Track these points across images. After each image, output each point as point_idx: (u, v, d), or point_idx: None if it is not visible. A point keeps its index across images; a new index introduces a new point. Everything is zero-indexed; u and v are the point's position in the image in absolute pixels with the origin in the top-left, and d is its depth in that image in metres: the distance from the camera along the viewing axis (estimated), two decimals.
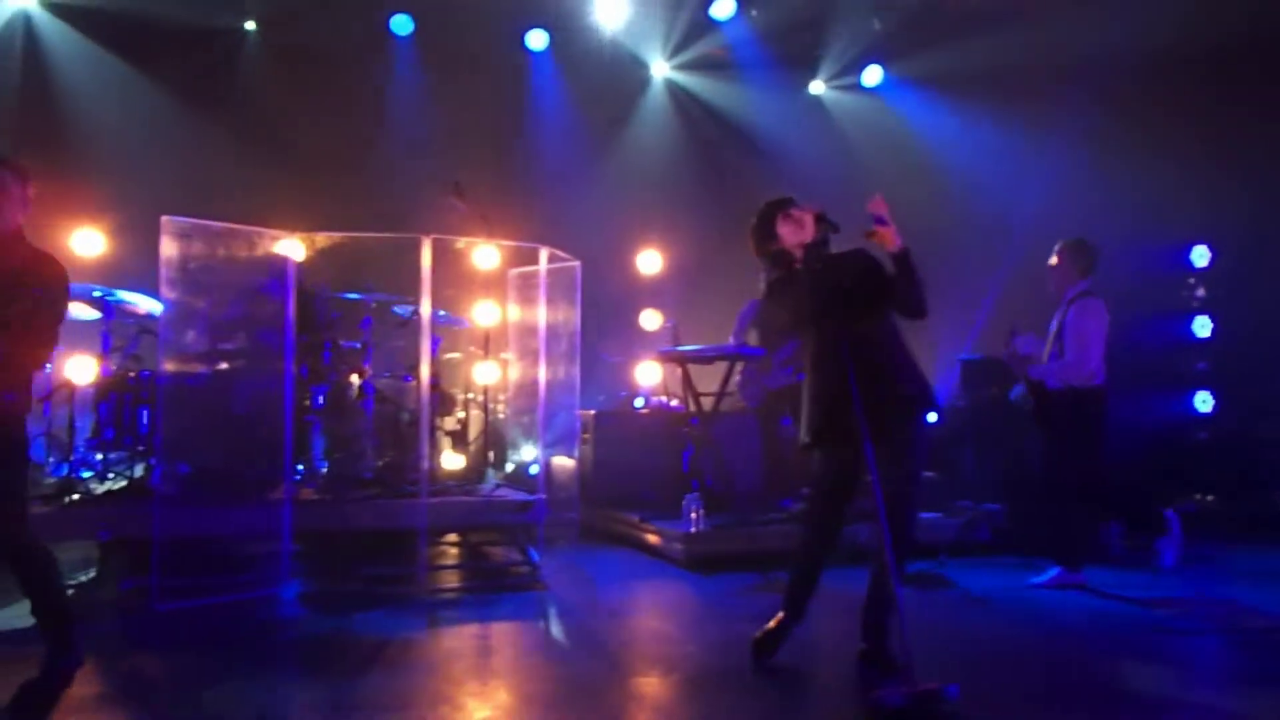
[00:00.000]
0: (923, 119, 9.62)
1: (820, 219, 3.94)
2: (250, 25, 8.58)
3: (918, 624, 3.64)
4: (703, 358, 7.21)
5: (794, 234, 3.99)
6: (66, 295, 3.94)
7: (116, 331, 6.15)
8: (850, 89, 10.27)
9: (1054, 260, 5.78)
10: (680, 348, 7.33)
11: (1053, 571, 5.63)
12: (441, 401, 6.91)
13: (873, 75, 10.06)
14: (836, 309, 3.86)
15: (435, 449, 6.59)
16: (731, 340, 7.42)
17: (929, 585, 5.78)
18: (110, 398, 5.92)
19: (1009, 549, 6.57)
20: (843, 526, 4.15)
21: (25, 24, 7.93)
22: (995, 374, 7.41)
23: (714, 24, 9.51)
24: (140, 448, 5.90)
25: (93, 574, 5.15)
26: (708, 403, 7.12)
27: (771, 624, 4.09)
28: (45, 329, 3.85)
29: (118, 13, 7.92)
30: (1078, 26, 8.50)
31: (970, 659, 4.27)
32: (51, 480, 5.84)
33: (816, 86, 10.41)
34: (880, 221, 3.84)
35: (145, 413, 5.90)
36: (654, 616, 5.11)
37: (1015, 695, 3.80)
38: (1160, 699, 3.80)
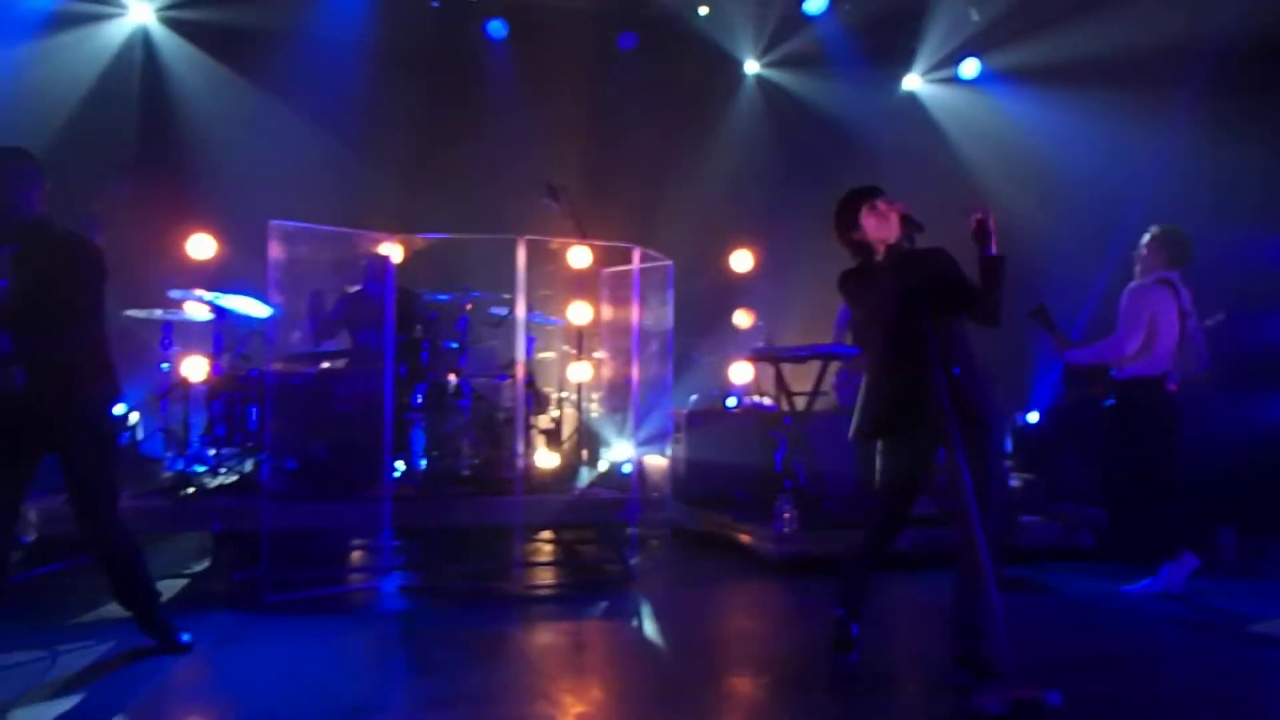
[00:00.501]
0: (1023, 112, 9.33)
1: (906, 219, 3.88)
2: (350, 33, 8.82)
3: (1016, 630, 3.55)
4: (795, 357, 7.15)
5: (878, 228, 3.93)
6: (103, 274, 3.95)
7: (227, 332, 6.41)
8: (947, 83, 10.04)
9: (1142, 248, 5.59)
10: (773, 347, 7.28)
11: (1158, 576, 5.40)
12: (535, 400, 7.01)
13: (970, 68, 9.81)
14: (917, 305, 3.80)
15: (529, 447, 6.69)
16: (832, 339, 7.35)
17: (1029, 590, 5.63)
18: (222, 396, 6.17)
19: (1114, 555, 6.34)
20: (905, 526, 4.11)
21: (144, 38, 8.31)
22: (1099, 374, 7.16)
23: (806, 19, 9.42)
24: (250, 444, 6.13)
25: (206, 565, 5.36)
26: (800, 403, 7.05)
27: (838, 624, 4.07)
28: (95, 310, 3.92)
29: (227, 24, 8.24)
30: (1189, 8, 8.14)
31: (1071, 666, 4.16)
32: (168, 474, 6.11)
33: (911, 81, 10.21)
34: (985, 231, 3.81)
35: (254, 410, 6.13)
36: (745, 617, 5.09)
37: (1116, 705, 3.68)
38: (1265, 714, 3.63)
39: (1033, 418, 8.25)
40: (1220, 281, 5.68)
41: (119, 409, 6.18)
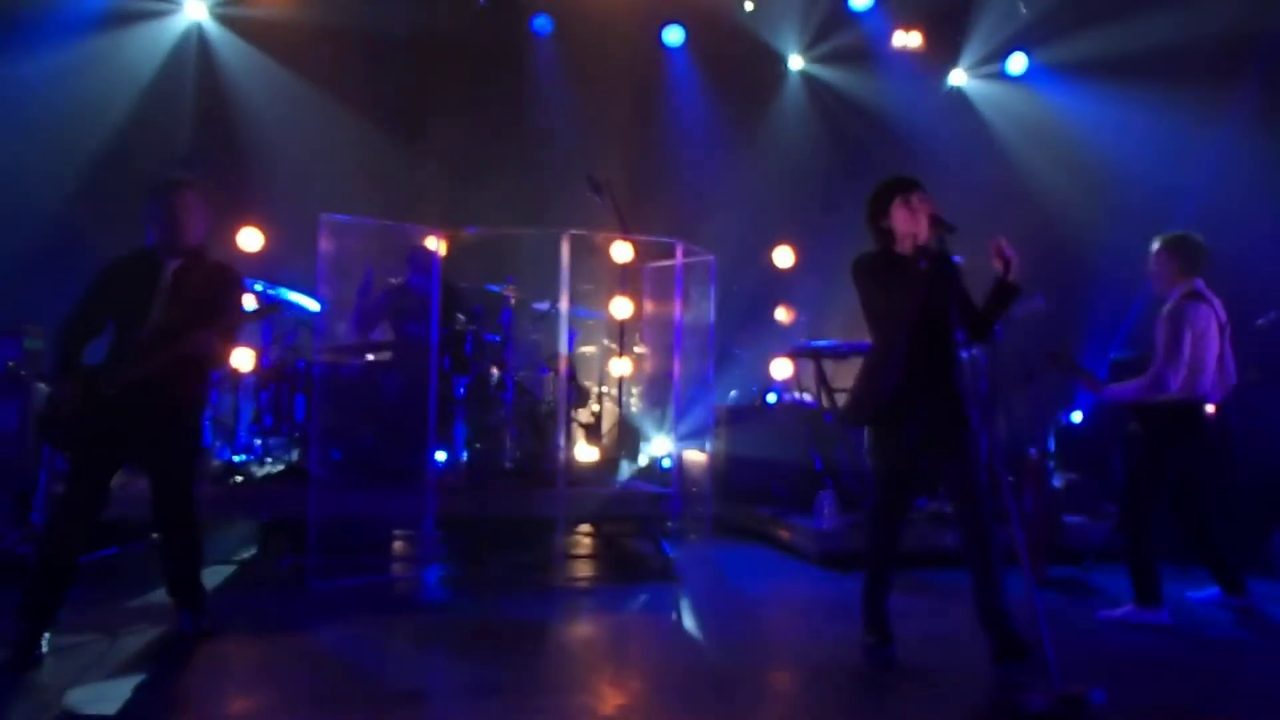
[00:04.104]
0: (1072, 107, 9.18)
1: (937, 221, 3.87)
2: (398, 29, 8.90)
3: (1062, 629, 3.53)
4: (837, 353, 7.12)
5: (906, 221, 3.97)
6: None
7: (276, 324, 6.50)
8: (994, 78, 9.91)
9: (1153, 261, 5.07)
10: (814, 343, 7.25)
11: (1212, 590, 5.27)
12: (577, 394, 7.04)
13: (1018, 63, 9.68)
14: (949, 310, 3.91)
15: (570, 441, 6.72)
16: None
17: (1074, 591, 5.57)
18: (270, 386, 6.28)
19: (1161, 556, 6.24)
20: (904, 517, 4.23)
21: (199, 35, 8.46)
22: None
23: (852, 15, 9.35)
24: (297, 434, 6.23)
25: (254, 552, 5.46)
26: (841, 399, 7.02)
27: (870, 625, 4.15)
28: (237, 333, 4.22)
29: (279, 20, 8.35)
30: (1244, 1, 7.97)
31: (1116, 666, 4.12)
32: (217, 463, 6.22)
33: (958, 76, 10.09)
34: (1006, 260, 3.92)
35: (301, 401, 6.23)
36: (786, 612, 5.09)
37: (1160, 705, 3.64)
38: None
39: (1076, 416, 8.14)
40: (1276, 279, 5.53)
41: None
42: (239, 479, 5.84)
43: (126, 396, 3.88)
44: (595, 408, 7.68)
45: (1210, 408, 5.01)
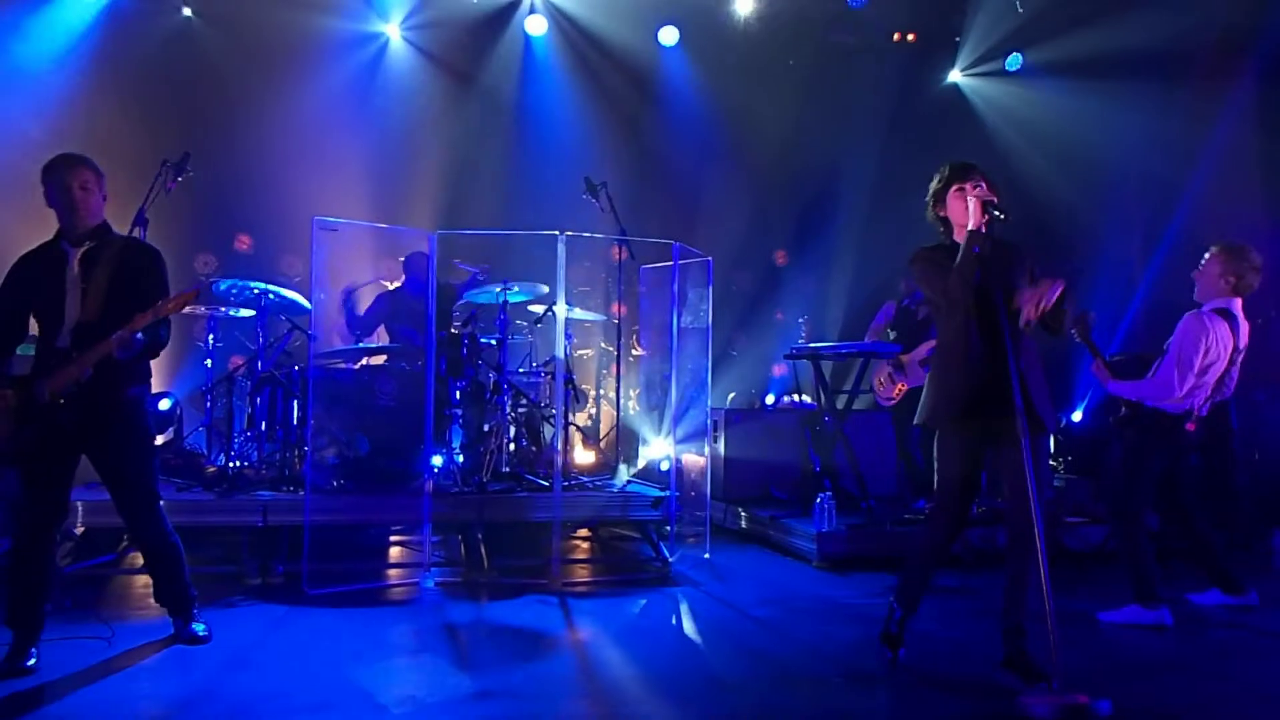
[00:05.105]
0: (1069, 106, 9.16)
1: (987, 206, 3.72)
2: (388, 31, 8.87)
3: (1062, 631, 3.49)
4: (835, 355, 7.09)
5: (958, 211, 3.86)
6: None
7: (270, 328, 6.45)
8: (991, 76, 9.90)
9: (1204, 264, 4.93)
10: (812, 345, 7.22)
11: (1212, 591, 5.22)
12: (574, 397, 7.00)
13: (1014, 61, 9.67)
14: (995, 297, 3.72)
15: (568, 444, 6.68)
16: (866, 338, 7.28)
17: (1075, 592, 5.52)
18: (264, 391, 6.22)
19: (1165, 558, 6.22)
20: (966, 523, 4.07)
21: (189, 35, 8.41)
22: (1147, 373, 7.02)
23: (849, 11, 9.32)
24: (292, 439, 6.18)
25: (249, 558, 5.41)
26: (840, 401, 7.00)
27: (892, 621, 4.05)
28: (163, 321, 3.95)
29: (265, 22, 8.28)
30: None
31: (1116, 667, 4.11)
32: (211, 468, 6.17)
33: (954, 74, 10.08)
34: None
35: (296, 405, 6.18)
36: (785, 615, 5.04)
37: (1160, 706, 3.62)
38: None
39: (1076, 416, 8.12)
40: (1272, 278, 5.49)
41: (164, 404, 6.29)
42: (233, 484, 5.78)
43: (62, 402, 3.74)
44: (592, 410, 7.65)
45: (1190, 425, 4.93)
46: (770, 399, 8.69)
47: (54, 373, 3.75)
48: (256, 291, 6.16)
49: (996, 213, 3.70)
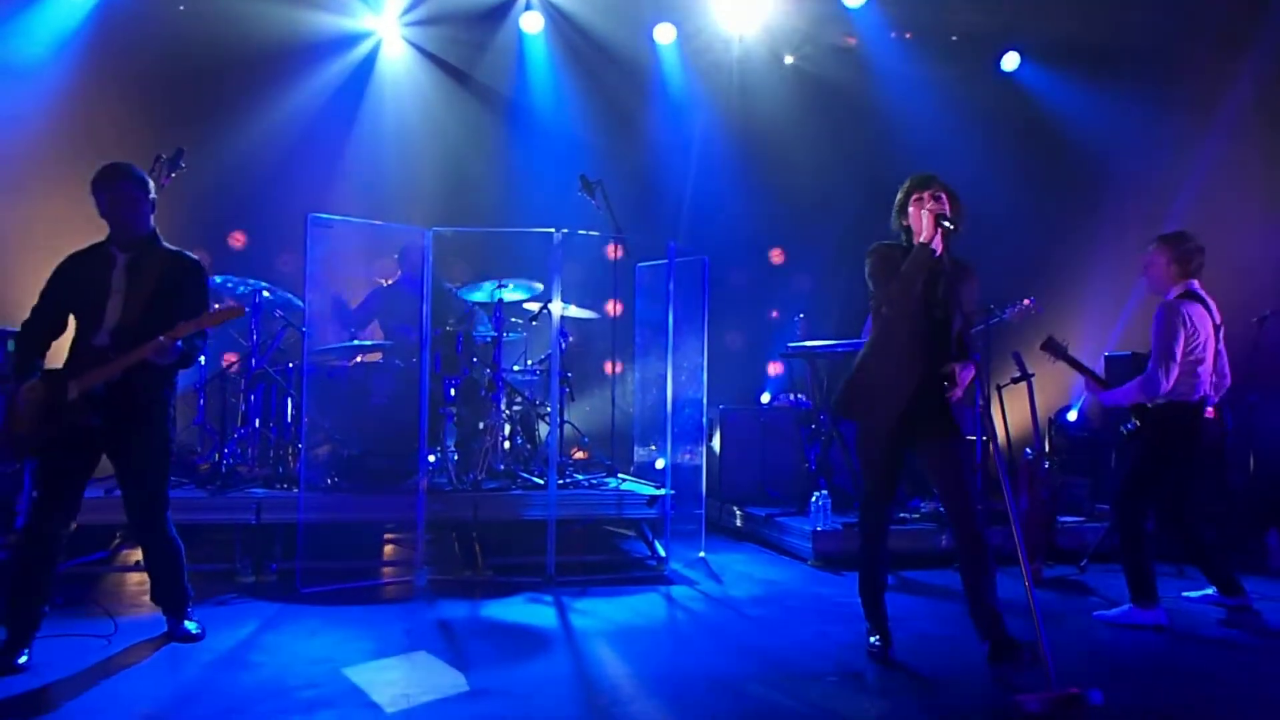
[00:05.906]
0: (1065, 105, 9.15)
1: (939, 219, 3.91)
2: (384, 28, 8.83)
3: (1058, 630, 3.50)
4: (832, 353, 7.07)
5: (915, 219, 4.04)
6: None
7: (263, 325, 6.43)
8: (986, 75, 9.87)
9: (1148, 261, 4.99)
10: (808, 343, 7.21)
11: (1208, 590, 5.22)
12: (569, 395, 6.99)
13: (1010, 60, 9.64)
14: (938, 308, 3.97)
15: (563, 442, 6.66)
16: (862, 336, 7.26)
17: (1070, 591, 5.54)
18: (258, 389, 6.20)
19: (1158, 556, 6.22)
20: (891, 511, 4.30)
21: (180, 32, 8.33)
22: (1141, 373, 7.03)
23: (845, 13, 9.30)
24: (286, 437, 6.15)
25: (242, 556, 5.39)
26: None
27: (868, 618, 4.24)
28: (202, 335, 4.06)
29: (259, 16, 8.21)
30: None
31: (1112, 666, 4.12)
32: (204, 466, 6.15)
33: (951, 73, 10.04)
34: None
35: (290, 403, 6.16)
36: (780, 613, 5.03)
37: (1156, 705, 3.61)
38: None
39: (1071, 415, 8.12)
40: (1271, 278, 5.50)
41: None
42: (226, 482, 5.76)
43: (89, 400, 3.79)
44: (587, 409, 7.63)
45: (1210, 411, 4.97)
46: (766, 397, 8.67)
47: (87, 370, 3.79)
48: (244, 289, 6.14)
49: (946, 224, 3.90)
